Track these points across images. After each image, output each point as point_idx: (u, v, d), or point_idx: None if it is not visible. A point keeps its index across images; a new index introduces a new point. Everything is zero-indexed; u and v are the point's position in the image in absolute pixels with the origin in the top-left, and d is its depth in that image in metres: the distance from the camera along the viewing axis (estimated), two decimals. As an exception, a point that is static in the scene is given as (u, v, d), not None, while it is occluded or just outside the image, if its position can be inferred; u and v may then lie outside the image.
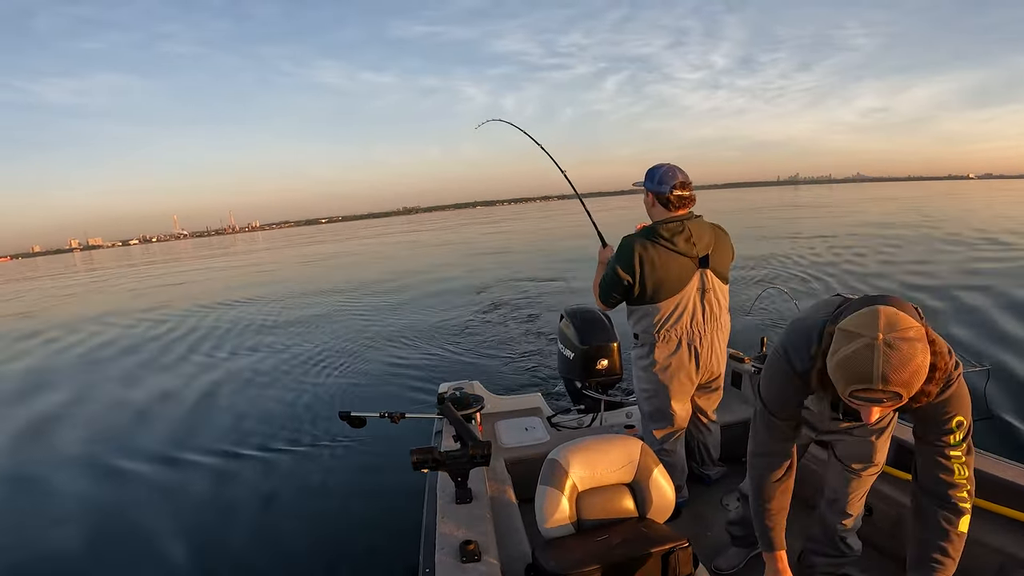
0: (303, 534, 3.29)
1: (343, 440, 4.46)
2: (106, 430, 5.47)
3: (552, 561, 1.67)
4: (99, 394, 6.88)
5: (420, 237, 38.93)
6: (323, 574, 2.96)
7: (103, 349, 9.62)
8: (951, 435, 1.32)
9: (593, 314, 3.22)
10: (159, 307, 14.05)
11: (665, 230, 2.29)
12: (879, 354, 1.11)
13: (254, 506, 3.68)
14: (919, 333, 1.15)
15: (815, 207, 38.49)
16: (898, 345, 1.12)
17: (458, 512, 1.86)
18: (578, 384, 3.18)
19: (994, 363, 5.14)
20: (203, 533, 3.40)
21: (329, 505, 3.59)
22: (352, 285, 15.04)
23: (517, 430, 2.96)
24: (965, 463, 1.33)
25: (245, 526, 3.45)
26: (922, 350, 1.14)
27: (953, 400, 1.31)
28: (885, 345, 1.11)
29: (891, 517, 2.15)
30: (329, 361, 7.25)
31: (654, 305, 2.33)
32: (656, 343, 2.36)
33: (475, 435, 2.13)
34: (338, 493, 3.74)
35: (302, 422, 5.09)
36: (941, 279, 9.78)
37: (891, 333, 1.12)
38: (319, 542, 3.21)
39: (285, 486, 3.94)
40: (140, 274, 30.08)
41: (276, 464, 4.29)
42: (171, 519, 3.59)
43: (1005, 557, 1.78)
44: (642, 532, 1.80)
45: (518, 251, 21.22)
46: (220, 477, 4.17)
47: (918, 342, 1.14)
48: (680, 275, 2.29)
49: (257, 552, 3.18)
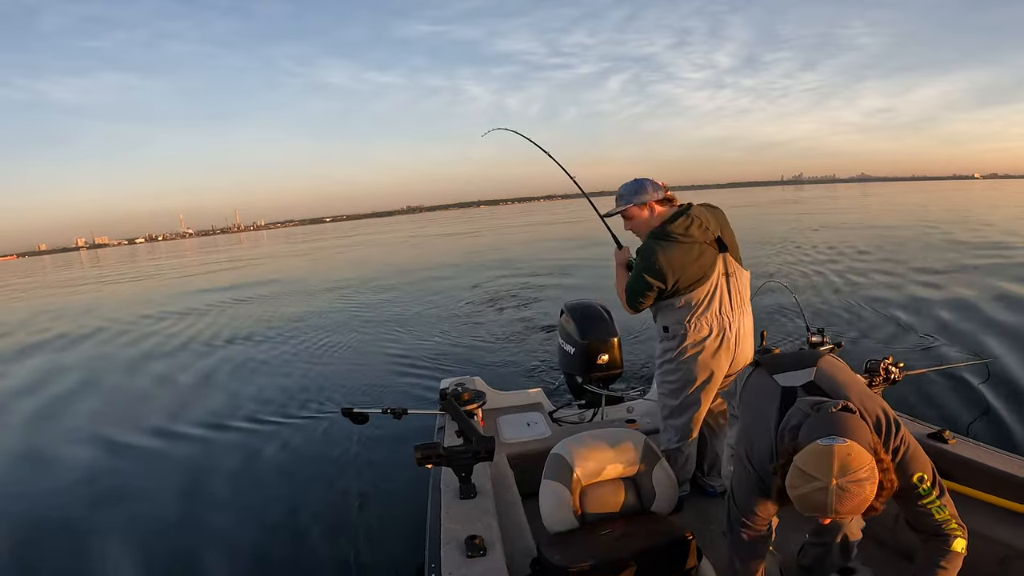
0: (309, 531, 3.29)
1: (346, 437, 4.46)
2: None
3: (557, 555, 1.68)
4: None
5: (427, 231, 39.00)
6: (331, 570, 2.96)
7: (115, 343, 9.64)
8: (917, 489, 1.44)
9: (593, 309, 3.22)
10: (159, 305, 14.05)
11: (677, 225, 2.29)
12: (832, 496, 1.24)
13: (258, 503, 3.69)
14: (870, 471, 1.26)
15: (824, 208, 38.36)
16: (850, 488, 1.24)
17: (463, 507, 1.87)
18: (579, 379, 3.17)
19: (993, 356, 5.15)
20: (208, 532, 3.40)
21: (334, 502, 3.59)
22: (352, 282, 15.04)
23: (519, 425, 2.97)
24: (942, 504, 1.44)
25: (250, 524, 3.45)
26: (871, 483, 1.26)
27: (908, 463, 1.44)
28: (839, 489, 1.24)
29: (891, 510, 2.15)
30: (331, 358, 7.26)
31: (685, 296, 2.31)
32: (687, 333, 2.33)
33: (478, 431, 2.14)
34: (342, 490, 3.75)
35: (305, 419, 5.09)
36: (941, 275, 9.80)
37: (843, 478, 1.24)
38: (326, 538, 3.21)
39: (289, 483, 3.94)
40: (142, 273, 30.03)
41: (279, 461, 4.30)
42: (176, 520, 3.60)
43: (1007, 549, 1.79)
44: (646, 526, 1.82)
45: (519, 249, 21.19)
46: (219, 477, 4.17)
47: (867, 481, 1.25)
48: (703, 262, 2.29)
49: (263, 548, 3.19)
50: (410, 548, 2.80)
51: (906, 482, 1.42)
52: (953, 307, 7.36)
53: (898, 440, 1.45)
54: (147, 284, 22.16)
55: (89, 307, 15.74)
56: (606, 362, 3.04)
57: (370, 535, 3.18)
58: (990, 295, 7.87)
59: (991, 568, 1.81)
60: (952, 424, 2.32)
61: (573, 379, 3.28)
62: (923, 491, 1.43)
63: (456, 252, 22.16)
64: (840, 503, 1.24)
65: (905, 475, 1.42)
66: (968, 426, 3.86)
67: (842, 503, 1.24)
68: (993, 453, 2.08)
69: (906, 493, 1.44)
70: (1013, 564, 1.77)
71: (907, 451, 1.45)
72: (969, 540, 1.44)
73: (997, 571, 1.79)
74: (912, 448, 1.46)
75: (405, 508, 3.15)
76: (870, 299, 8.10)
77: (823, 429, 1.34)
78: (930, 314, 7.11)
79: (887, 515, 2.14)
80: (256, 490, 3.90)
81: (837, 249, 13.82)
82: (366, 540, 3.14)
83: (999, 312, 7.01)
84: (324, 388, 5.99)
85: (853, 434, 1.32)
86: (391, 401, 5.11)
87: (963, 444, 2.17)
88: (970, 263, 10.72)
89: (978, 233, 15.95)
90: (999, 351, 5.41)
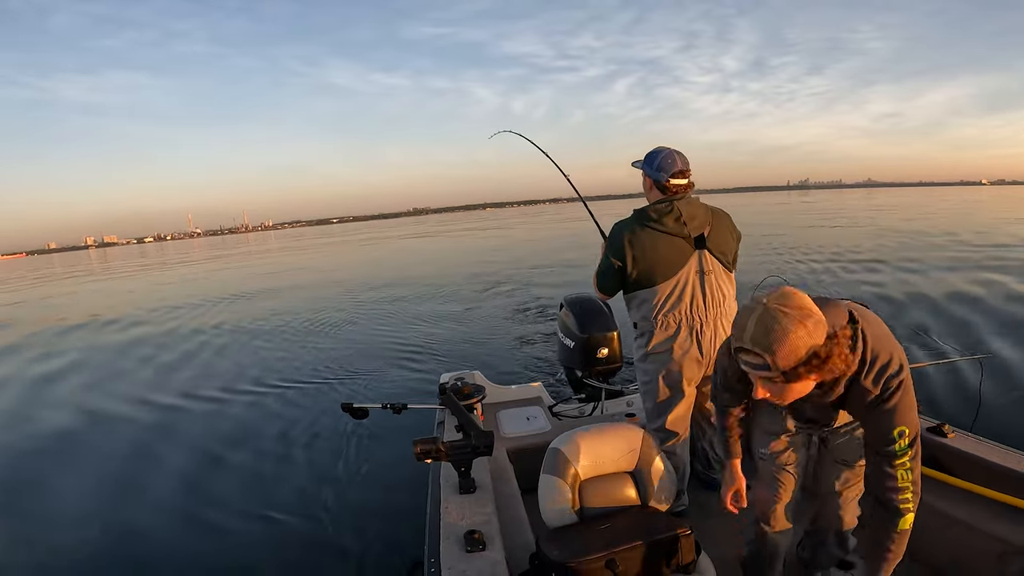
0: (308, 526, 3.31)
1: (346, 432, 4.47)
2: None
3: (556, 550, 1.68)
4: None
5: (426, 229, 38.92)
6: (329, 565, 2.97)
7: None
8: (894, 444, 1.36)
9: (593, 303, 3.21)
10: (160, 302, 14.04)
11: (653, 211, 2.24)
12: (755, 316, 1.22)
13: (258, 498, 3.69)
14: (806, 317, 1.20)
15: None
16: (775, 314, 1.20)
17: (462, 502, 1.87)
18: (579, 373, 3.17)
19: (993, 351, 5.15)
20: (208, 529, 3.41)
21: (333, 497, 3.60)
22: (352, 280, 15.03)
23: (518, 419, 2.97)
24: (910, 468, 1.37)
25: (248, 519, 3.46)
26: (800, 330, 1.19)
27: (897, 411, 1.36)
28: (763, 309, 1.21)
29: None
30: (330, 352, 7.26)
31: (650, 289, 2.25)
32: (655, 330, 2.27)
33: (478, 425, 2.13)
34: (342, 485, 3.76)
35: (304, 414, 5.10)
36: (943, 271, 9.80)
37: (776, 304, 1.21)
38: (325, 534, 3.22)
39: (289, 478, 3.95)
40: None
41: (279, 457, 4.30)
42: (175, 513, 3.61)
43: (1005, 544, 1.78)
44: (645, 520, 1.81)
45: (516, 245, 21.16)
46: (221, 473, 4.18)
47: (799, 321, 1.19)
48: (672, 256, 2.21)
49: (262, 543, 3.19)
50: (409, 543, 2.80)
51: (886, 431, 1.36)
52: (952, 302, 7.36)
53: (892, 378, 1.35)
54: (153, 282, 22.16)
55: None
56: (606, 356, 3.03)
57: (369, 530, 3.18)
58: (989, 290, 7.87)
59: (990, 563, 1.81)
60: (951, 418, 2.31)
61: (573, 373, 3.28)
62: (898, 449, 1.35)
63: (458, 251, 22.13)
64: (760, 326, 1.20)
65: (889, 424, 1.35)
66: (968, 421, 3.87)
67: (762, 326, 1.20)
68: (993, 448, 2.07)
69: (880, 444, 1.38)
70: (1012, 559, 1.76)
71: (900, 398, 1.35)
72: (968, 535, 1.43)
73: (996, 566, 1.79)
74: (907, 401, 1.37)
75: (404, 503, 3.16)
76: (869, 293, 8.11)
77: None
78: (928, 308, 7.12)
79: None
80: (255, 485, 3.91)
81: (839, 248, 13.83)
82: (365, 535, 3.15)
83: (1000, 307, 7.01)
84: (324, 383, 5.99)
85: (830, 308, 1.31)
86: (390, 396, 5.11)
87: (962, 438, 2.16)
88: (970, 260, 10.73)
89: (982, 234, 15.94)
90: (999, 346, 5.41)
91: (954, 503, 1.96)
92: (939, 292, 8.01)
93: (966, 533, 1.89)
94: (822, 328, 1.23)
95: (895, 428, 1.35)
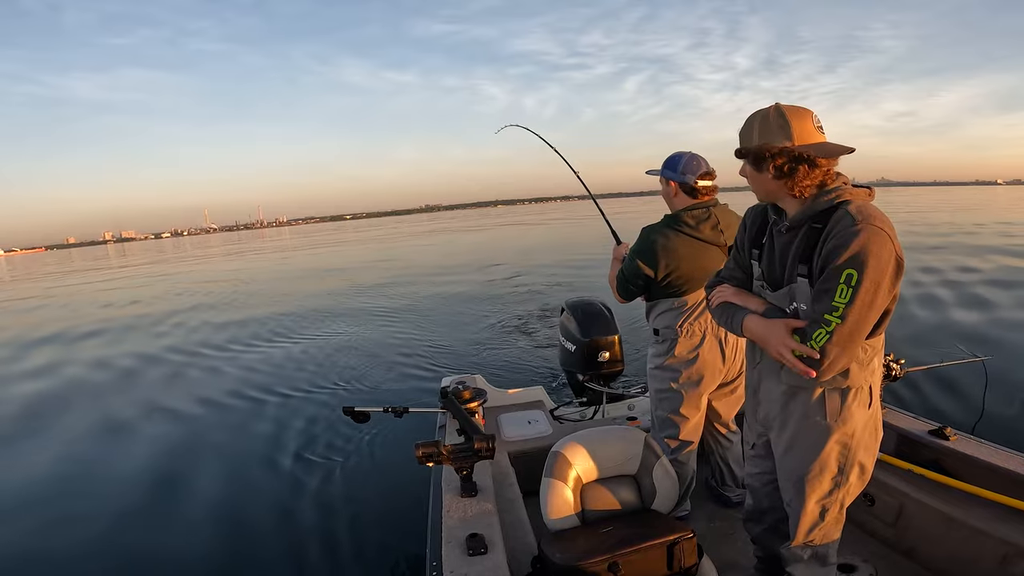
0: (309, 529, 3.30)
1: (347, 435, 4.47)
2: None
3: (558, 553, 1.68)
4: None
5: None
6: (331, 568, 2.96)
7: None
8: (818, 328, 1.30)
9: (594, 306, 3.22)
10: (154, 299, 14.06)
11: (690, 217, 2.16)
12: (761, 115, 1.38)
13: (259, 502, 3.69)
14: (767, 113, 1.36)
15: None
16: (783, 109, 1.34)
17: (464, 505, 1.87)
18: (580, 377, 3.18)
19: (995, 353, 5.13)
20: (208, 531, 3.40)
21: (335, 500, 3.60)
22: (352, 280, 15.04)
23: (520, 423, 2.97)
24: (842, 316, 1.28)
25: (250, 522, 3.46)
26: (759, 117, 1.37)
27: (830, 295, 1.28)
28: (775, 109, 1.36)
29: (893, 507, 2.15)
30: (331, 356, 7.25)
31: (680, 299, 2.20)
32: (679, 338, 2.21)
33: (479, 429, 2.14)
34: (343, 488, 3.75)
35: (306, 417, 5.09)
36: (941, 272, 9.78)
37: (786, 107, 1.35)
38: (326, 537, 3.21)
39: (289, 482, 3.94)
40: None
41: (279, 459, 4.29)
42: (171, 517, 3.61)
43: (1008, 547, 1.78)
44: (647, 523, 1.81)
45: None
46: (221, 475, 4.18)
47: (759, 112, 1.37)
48: (707, 266, 2.11)
49: (264, 547, 3.19)
50: (411, 546, 2.80)
51: (817, 310, 1.31)
52: (955, 304, 7.35)
53: (840, 252, 1.28)
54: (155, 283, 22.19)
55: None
56: (607, 359, 3.04)
57: (371, 533, 3.17)
58: (991, 292, 7.86)
59: (993, 566, 1.81)
60: (953, 421, 2.31)
61: (574, 377, 3.28)
62: (837, 297, 1.27)
63: (461, 250, 22.15)
64: (763, 114, 1.37)
65: (834, 255, 1.28)
66: (970, 423, 3.86)
67: (763, 113, 1.37)
68: (995, 450, 2.07)
69: (810, 316, 1.34)
70: (1015, 562, 1.76)
71: (841, 284, 1.27)
72: (971, 537, 1.41)
73: (999, 569, 1.79)
74: (853, 298, 1.26)
75: (406, 506, 3.15)
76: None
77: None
78: (931, 311, 7.11)
79: (888, 509, 2.15)
80: (256, 488, 3.90)
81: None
82: (367, 538, 3.14)
83: (1002, 307, 7.00)
84: (325, 386, 5.99)
85: (859, 196, 1.38)
86: (392, 399, 5.11)
87: (965, 441, 2.16)
88: (971, 260, 10.71)
89: (988, 232, 15.91)
90: (1001, 347, 5.40)
91: (957, 506, 1.96)
92: (939, 293, 8.01)
93: (969, 536, 1.88)
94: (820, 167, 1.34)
95: (845, 271, 1.27)
